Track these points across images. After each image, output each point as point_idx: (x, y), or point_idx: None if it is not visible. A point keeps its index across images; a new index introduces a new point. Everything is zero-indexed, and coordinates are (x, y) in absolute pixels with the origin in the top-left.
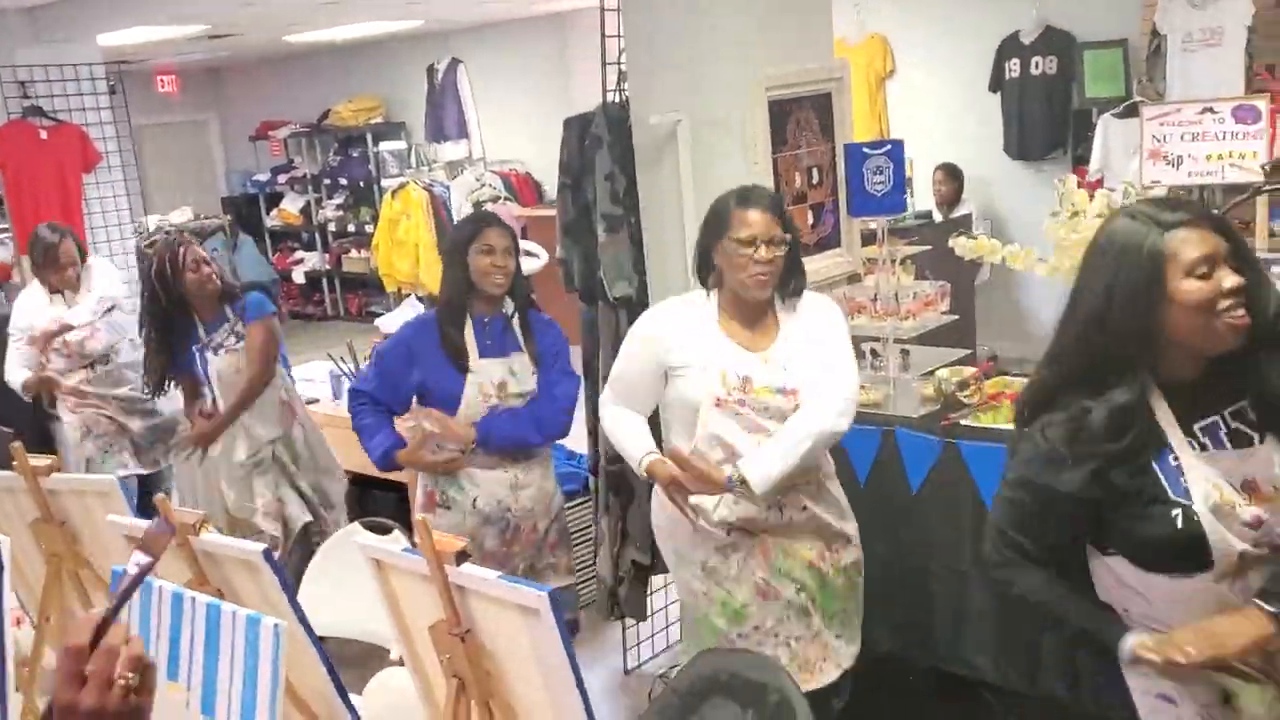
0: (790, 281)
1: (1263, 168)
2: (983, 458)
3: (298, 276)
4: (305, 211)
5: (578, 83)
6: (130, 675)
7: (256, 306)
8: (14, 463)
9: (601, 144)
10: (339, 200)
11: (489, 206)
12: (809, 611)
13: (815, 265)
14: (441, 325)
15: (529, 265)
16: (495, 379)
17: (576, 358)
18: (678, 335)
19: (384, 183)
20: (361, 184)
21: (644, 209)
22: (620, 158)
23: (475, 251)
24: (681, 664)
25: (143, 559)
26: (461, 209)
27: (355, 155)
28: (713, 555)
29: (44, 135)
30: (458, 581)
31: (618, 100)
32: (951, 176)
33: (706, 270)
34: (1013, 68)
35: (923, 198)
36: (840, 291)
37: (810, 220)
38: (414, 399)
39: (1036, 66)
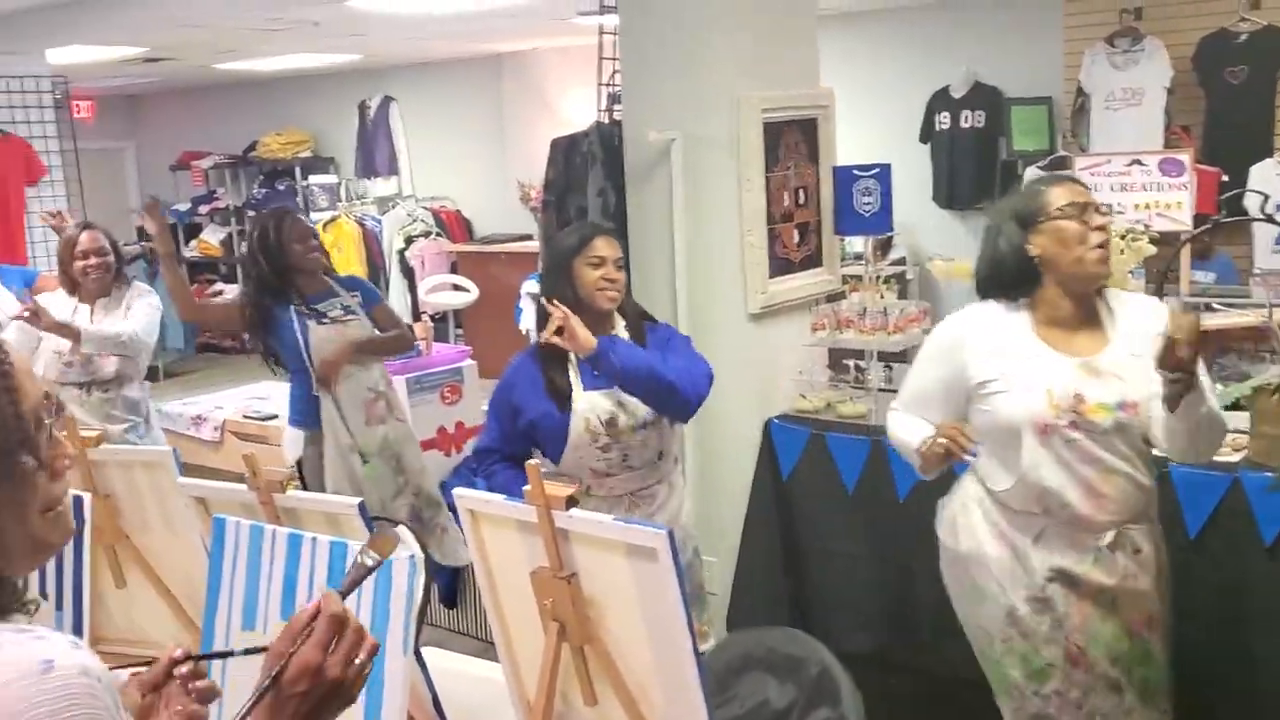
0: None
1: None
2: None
3: None
4: (226, 243)
5: (512, 122)
6: (366, 660)
7: (375, 293)
8: (64, 433)
9: (595, 161)
10: None
11: (420, 242)
12: (1120, 688)
13: (799, 282)
14: (541, 360)
15: (460, 299)
16: (603, 414)
17: None
18: (984, 345)
19: (312, 216)
20: None
21: (632, 223)
22: (611, 174)
23: (582, 264)
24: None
25: (373, 557)
26: (393, 243)
27: (282, 189)
28: (1023, 604)
29: None
30: (564, 526)
31: (609, 121)
32: None
33: (1012, 276)
34: (942, 120)
35: (855, 241)
36: (824, 308)
37: (796, 239)
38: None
39: (966, 120)
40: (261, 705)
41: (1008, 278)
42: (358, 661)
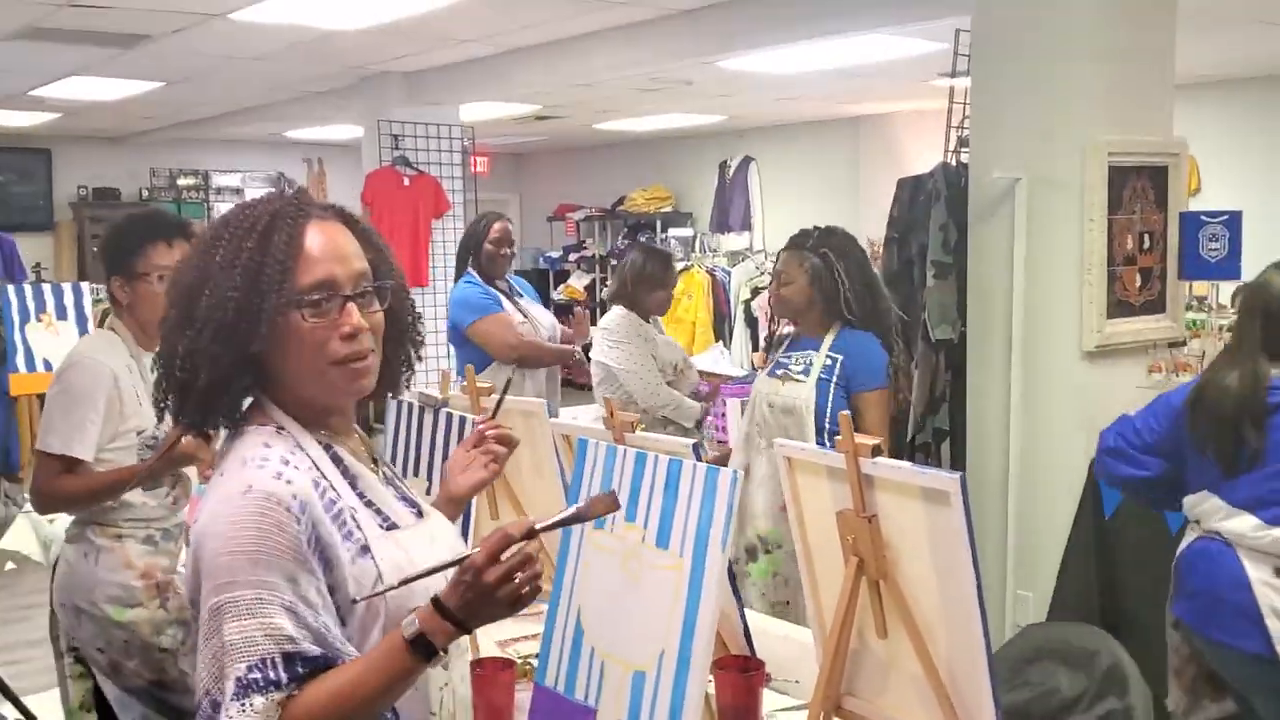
0: None
1: None
2: None
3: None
4: (589, 288)
5: (866, 182)
6: (525, 580)
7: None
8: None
9: (939, 198)
10: None
11: (765, 294)
12: None
13: (1139, 326)
14: None
15: None
16: None
17: None
18: None
19: None
20: None
21: (972, 259)
22: (954, 212)
23: None
24: None
25: (580, 507)
26: (739, 293)
27: (643, 240)
28: None
29: (406, 182)
30: (868, 471)
31: (955, 162)
32: None
33: None
34: None
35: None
36: (1165, 354)
37: (1138, 283)
38: None
39: None
40: (449, 584)
41: None
42: (517, 579)
